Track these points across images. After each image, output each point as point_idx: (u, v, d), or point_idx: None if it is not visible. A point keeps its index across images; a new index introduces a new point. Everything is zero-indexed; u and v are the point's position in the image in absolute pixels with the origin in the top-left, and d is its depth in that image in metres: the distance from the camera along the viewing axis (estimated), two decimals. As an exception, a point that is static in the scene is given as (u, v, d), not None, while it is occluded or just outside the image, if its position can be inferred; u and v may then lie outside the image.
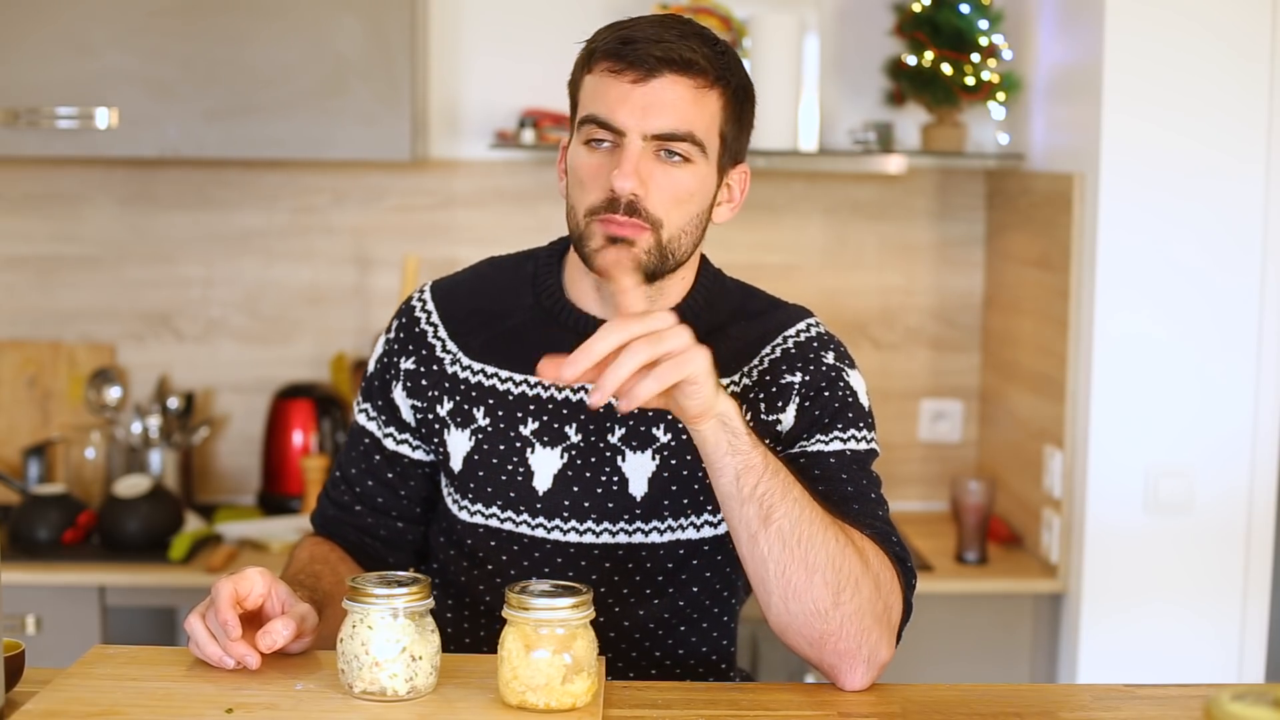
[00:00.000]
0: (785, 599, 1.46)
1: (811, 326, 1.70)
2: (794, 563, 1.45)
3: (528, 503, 1.65)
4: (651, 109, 1.54)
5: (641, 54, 1.54)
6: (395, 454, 1.74)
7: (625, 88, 1.54)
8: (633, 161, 1.53)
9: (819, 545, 1.45)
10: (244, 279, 3.25)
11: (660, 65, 1.54)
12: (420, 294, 1.76)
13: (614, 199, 1.54)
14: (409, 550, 1.79)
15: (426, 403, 1.70)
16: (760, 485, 1.44)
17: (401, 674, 1.37)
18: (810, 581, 1.45)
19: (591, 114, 1.57)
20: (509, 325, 1.70)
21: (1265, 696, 1.24)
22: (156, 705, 1.36)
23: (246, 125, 2.90)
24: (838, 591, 1.45)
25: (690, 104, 1.55)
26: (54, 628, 2.75)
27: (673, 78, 1.54)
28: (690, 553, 1.66)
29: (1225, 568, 2.72)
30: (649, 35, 1.55)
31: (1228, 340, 2.69)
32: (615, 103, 1.55)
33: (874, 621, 1.48)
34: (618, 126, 1.55)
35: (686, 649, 1.70)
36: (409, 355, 1.72)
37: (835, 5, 3.19)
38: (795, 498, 1.45)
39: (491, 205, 3.23)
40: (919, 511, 3.30)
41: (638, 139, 1.54)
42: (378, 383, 1.75)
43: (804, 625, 1.47)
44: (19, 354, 3.24)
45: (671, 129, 1.55)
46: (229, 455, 3.29)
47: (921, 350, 3.33)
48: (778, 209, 3.27)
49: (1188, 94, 2.65)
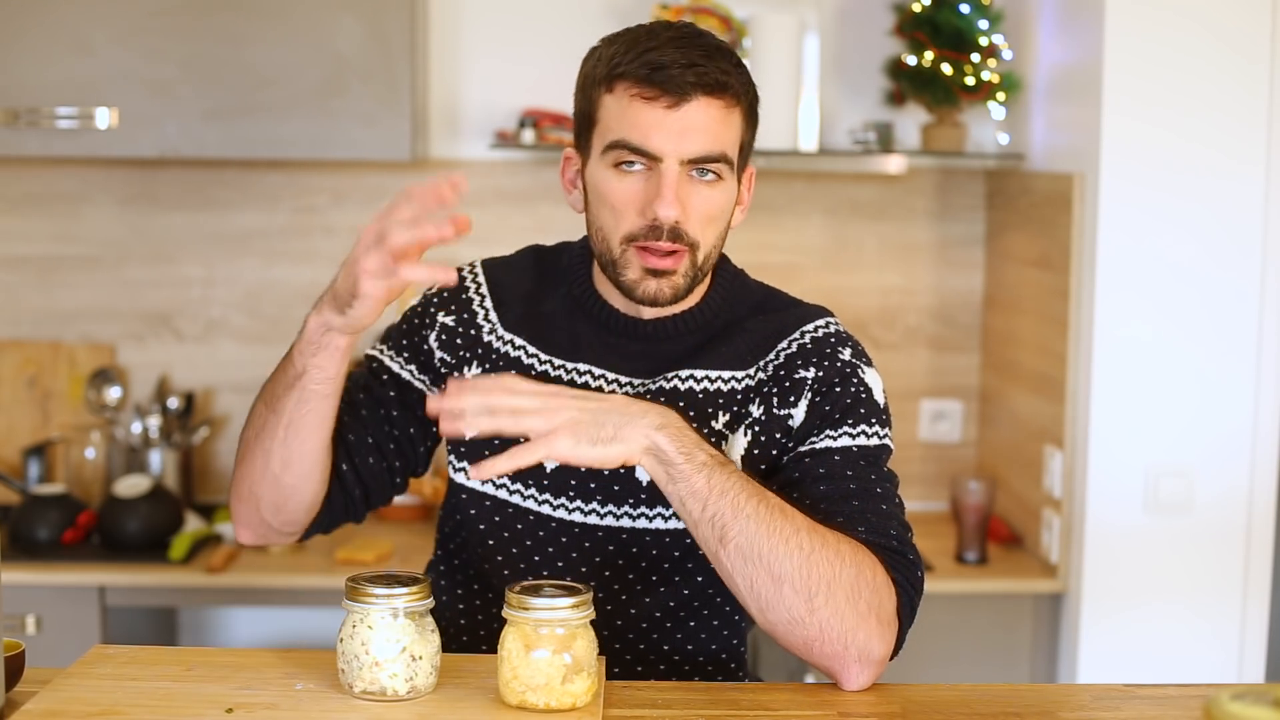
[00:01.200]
0: (760, 609, 1.48)
1: (830, 324, 1.70)
2: (759, 575, 1.46)
3: (535, 476, 1.66)
4: (687, 134, 1.55)
5: (676, 80, 1.54)
6: (407, 383, 1.71)
7: (659, 113, 1.55)
8: (673, 188, 1.55)
9: (781, 556, 1.45)
10: (244, 279, 3.25)
11: (693, 90, 1.55)
12: (471, 266, 1.77)
13: (656, 226, 1.56)
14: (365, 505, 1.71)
15: (456, 360, 1.71)
16: (708, 508, 1.46)
17: (401, 674, 1.37)
18: (780, 591, 1.46)
19: (623, 140, 1.56)
20: (544, 309, 1.72)
21: (1265, 696, 1.24)
22: (156, 705, 1.36)
23: (246, 125, 2.90)
24: (810, 597, 1.46)
25: (721, 124, 1.57)
26: (54, 628, 2.75)
27: (705, 101, 1.56)
28: (695, 543, 1.66)
29: (1225, 568, 2.72)
30: (678, 60, 1.55)
31: (1228, 340, 2.69)
32: (649, 129, 1.55)
33: (859, 620, 1.47)
34: (653, 152, 1.55)
35: (695, 644, 1.70)
36: (450, 313, 1.73)
37: (835, 5, 3.19)
38: (748, 514, 1.46)
39: (491, 205, 3.23)
40: (919, 511, 3.29)
41: (675, 164, 1.55)
42: (406, 326, 1.74)
43: (786, 632, 1.48)
44: (19, 354, 3.24)
45: (707, 152, 1.56)
46: (229, 455, 3.29)
47: (921, 350, 3.33)
48: (778, 209, 3.27)
49: (1188, 94, 2.65)
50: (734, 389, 1.65)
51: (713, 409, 1.64)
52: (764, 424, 1.64)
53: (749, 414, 1.64)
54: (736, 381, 1.66)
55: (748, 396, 1.65)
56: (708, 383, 1.65)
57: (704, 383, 1.65)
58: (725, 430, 1.64)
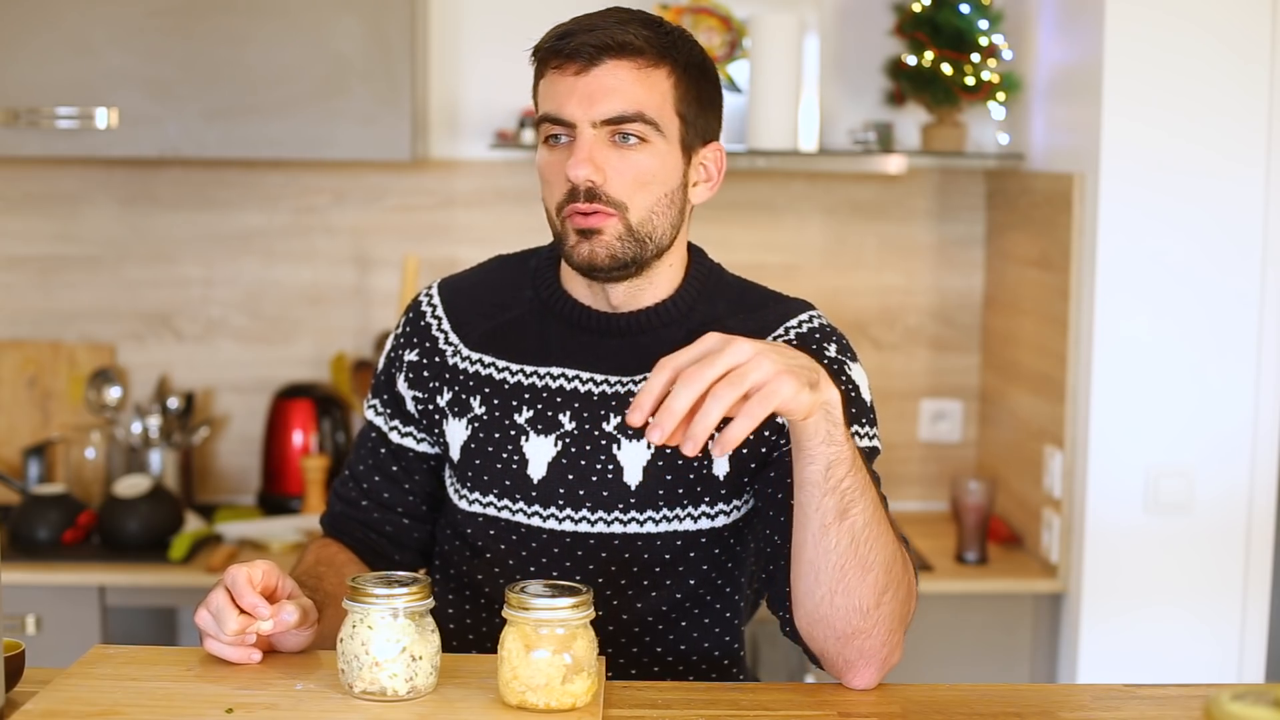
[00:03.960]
0: (834, 592, 1.46)
1: (814, 318, 1.70)
2: (854, 559, 1.45)
3: (523, 490, 1.66)
4: (596, 95, 1.56)
5: (578, 44, 1.56)
6: (400, 447, 1.76)
7: (569, 80, 1.57)
8: (585, 149, 1.56)
9: (879, 546, 1.46)
10: (244, 279, 3.25)
11: (599, 53, 1.56)
12: (428, 290, 1.79)
13: (574, 189, 1.57)
14: (414, 549, 1.79)
15: (427, 393, 1.72)
16: (846, 479, 1.43)
17: (401, 674, 1.37)
18: (864, 580, 1.45)
19: (544, 112, 1.60)
20: (508, 317, 1.72)
21: (1265, 696, 1.24)
22: (156, 705, 1.36)
23: (246, 125, 2.90)
24: (882, 592, 1.46)
25: (635, 84, 1.57)
26: (54, 628, 2.75)
27: (613, 63, 1.57)
28: (687, 545, 1.66)
29: (1225, 568, 2.72)
30: (585, 26, 1.58)
31: (1227, 340, 2.69)
32: (562, 96, 1.58)
33: (899, 625, 1.50)
34: (566, 119, 1.57)
35: (689, 645, 1.70)
36: (413, 348, 1.75)
37: (835, 5, 3.19)
38: (872, 497, 1.46)
39: (491, 205, 3.23)
40: (919, 511, 3.30)
41: (588, 127, 1.57)
42: (384, 377, 1.78)
43: (842, 619, 1.47)
44: (19, 354, 3.24)
45: (619, 112, 1.57)
46: (229, 455, 3.30)
47: (921, 350, 3.33)
48: (778, 209, 3.27)
49: (1188, 94, 2.65)
50: None
51: None
52: None
53: None
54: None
55: None
56: None
57: None
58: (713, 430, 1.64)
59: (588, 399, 1.66)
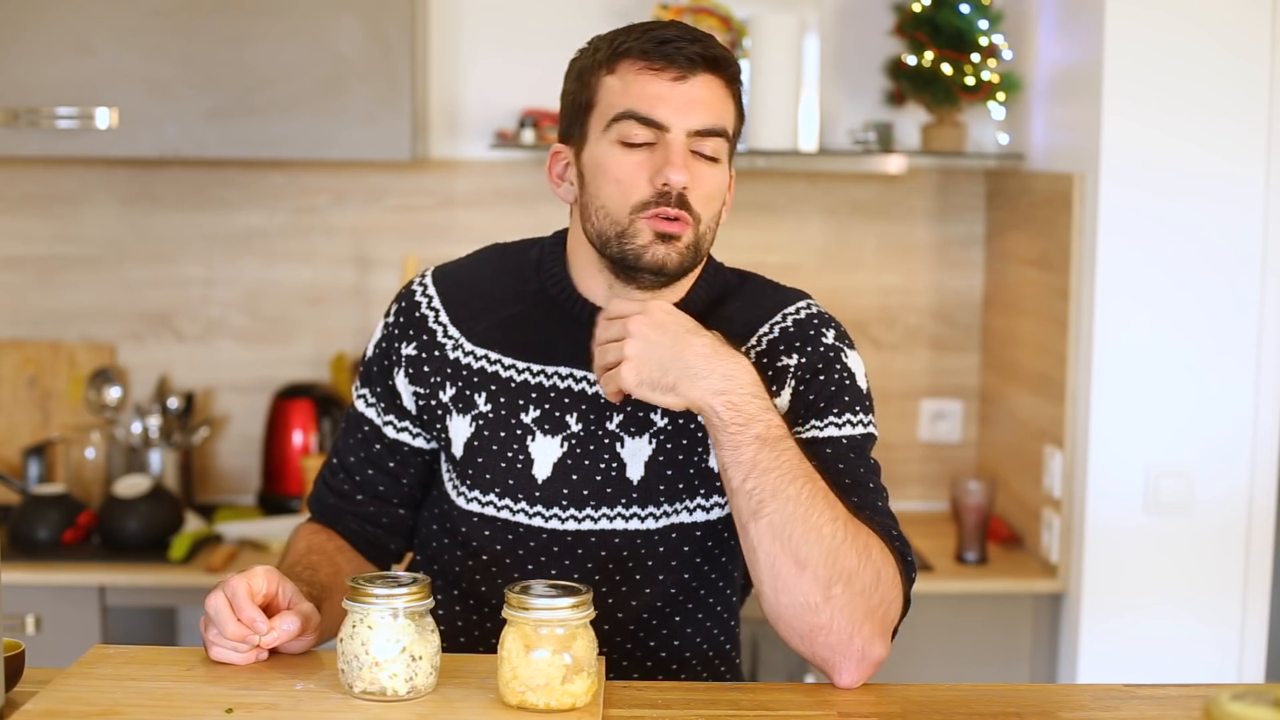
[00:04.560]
0: (775, 590, 1.48)
1: (810, 305, 1.71)
2: (783, 556, 1.47)
3: (526, 490, 1.66)
4: (693, 106, 1.57)
5: (684, 52, 1.57)
6: (396, 442, 1.75)
7: (666, 85, 1.57)
8: (681, 156, 1.57)
9: (812, 542, 1.46)
10: (244, 279, 3.25)
11: (699, 64, 1.58)
12: (421, 279, 1.76)
13: (665, 193, 1.57)
14: (406, 535, 1.79)
15: (429, 389, 1.71)
16: (749, 481, 1.47)
17: (401, 674, 1.37)
18: (800, 576, 1.46)
19: (630, 110, 1.57)
20: (513, 312, 1.71)
21: (1265, 696, 1.24)
22: (156, 705, 1.36)
23: (247, 125, 2.90)
24: (828, 586, 1.46)
25: (722, 101, 1.60)
26: (54, 628, 2.75)
27: (708, 76, 1.59)
28: (682, 537, 1.67)
29: (1225, 568, 2.72)
30: (683, 35, 1.59)
31: (1228, 340, 2.69)
32: (656, 99, 1.57)
33: (865, 617, 1.48)
34: (661, 122, 1.57)
35: (682, 641, 1.70)
36: (410, 341, 1.72)
37: (835, 5, 3.19)
38: (788, 496, 1.46)
39: (491, 205, 3.23)
40: (919, 511, 3.30)
41: (682, 134, 1.57)
42: (376, 368, 1.75)
43: (794, 617, 1.48)
44: (19, 354, 3.24)
45: (711, 124, 1.58)
46: (229, 455, 3.30)
47: (921, 350, 3.33)
48: (778, 209, 3.27)
49: (1188, 94, 2.65)
50: None
51: None
52: None
53: None
54: None
55: None
56: None
57: None
58: None
59: (594, 400, 1.65)
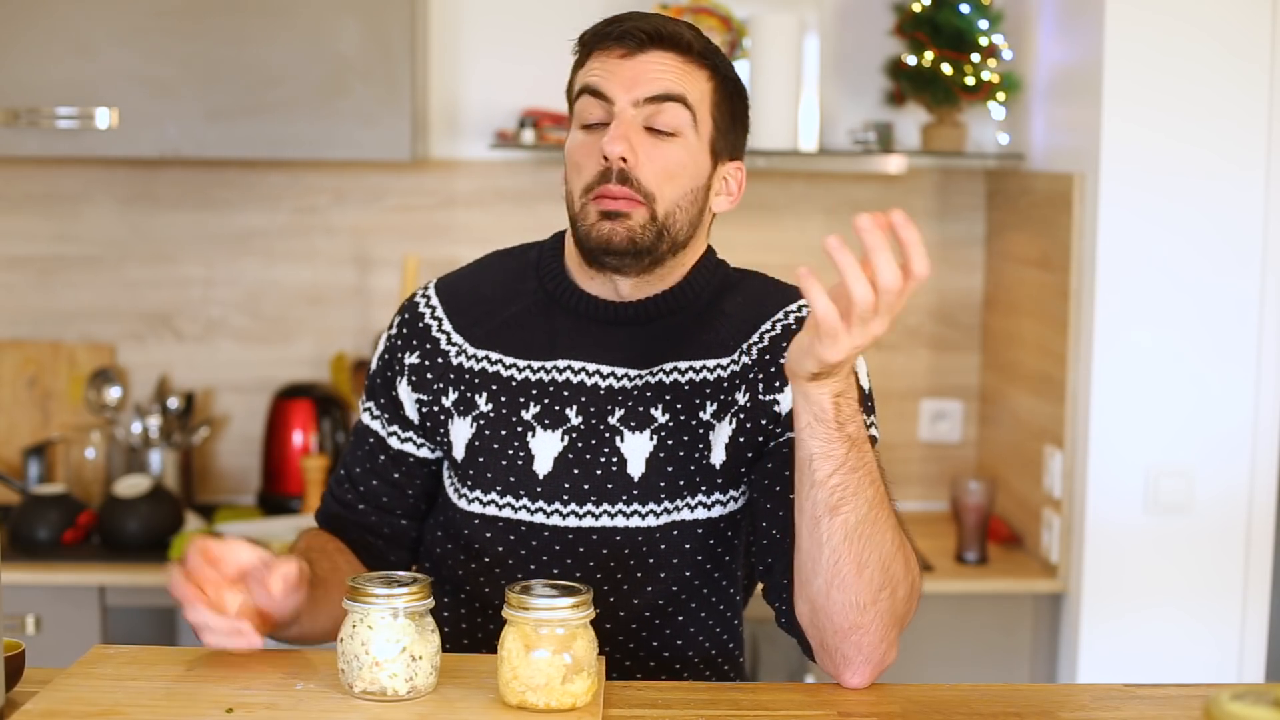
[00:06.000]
0: (830, 585, 1.48)
1: None
2: (848, 556, 1.46)
3: (527, 487, 1.66)
4: (640, 77, 1.59)
5: (629, 29, 1.59)
6: (400, 453, 1.75)
7: (615, 61, 1.60)
8: (623, 127, 1.58)
9: (876, 545, 1.47)
10: (244, 279, 3.25)
11: (648, 40, 1.59)
12: (424, 290, 1.77)
13: (606, 169, 1.58)
14: (412, 549, 1.79)
15: (431, 395, 1.71)
16: (835, 477, 1.45)
17: (401, 674, 1.37)
18: (859, 577, 1.47)
19: (583, 85, 1.61)
20: (512, 312, 1.71)
21: (1265, 696, 1.24)
22: (156, 705, 1.36)
23: (247, 125, 2.90)
24: (878, 590, 1.48)
25: (679, 72, 1.60)
26: (54, 628, 2.75)
27: (660, 53, 1.60)
28: (683, 535, 1.66)
29: (1225, 568, 2.72)
30: (635, 18, 1.61)
31: (1228, 340, 2.69)
32: (604, 74, 1.60)
33: (894, 624, 1.50)
34: (607, 93, 1.59)
35: (686, 640, 1.70)
36: (413, 350, 1.73)
37: (835, 5, 3.19)
38: (867, 498, 1.47)
39: (491, 205, 3.23)
40: (919, 511, 3.30)
41: (628, 105, 1.58)
42: (380, 380, 1.76)
43: (838, 613, 1.48)
44: (19, 354, 3.24)
45: (657, 91, 1.59)
46: (229, 455, 3.30)
47: (921, 350, 3.33)
48: (778, 209, 3.27)
49: (1188, 95, 2.65)
50: (719, 377, 1.65)
51: (700, 400, 1.64)
52: (750, 411, 1.64)
53: (735, 402, 1.64)
54: (721, 369, 1.65)
55: (733, 383, 1.65)
56: (693, 374, 1.65)
57: (689, 374, 1.65)
58: (713, 420, 1.64)
59: (594, 393, 1.65)
